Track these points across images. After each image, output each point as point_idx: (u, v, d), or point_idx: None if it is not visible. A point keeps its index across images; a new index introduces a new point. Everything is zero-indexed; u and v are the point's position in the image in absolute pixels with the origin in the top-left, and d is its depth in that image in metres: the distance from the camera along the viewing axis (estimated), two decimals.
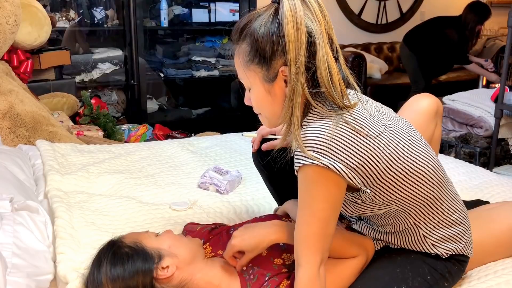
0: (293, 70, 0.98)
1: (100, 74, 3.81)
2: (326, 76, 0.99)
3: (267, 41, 0.99)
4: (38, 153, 2.04)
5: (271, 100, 1.05)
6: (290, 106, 1.01)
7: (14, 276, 1.11)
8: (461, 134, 3.35)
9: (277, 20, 0.98)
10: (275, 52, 1.00)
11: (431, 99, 1.39)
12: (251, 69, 1.03)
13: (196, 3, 4.15)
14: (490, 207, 1.46)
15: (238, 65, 1.07)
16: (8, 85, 2.35)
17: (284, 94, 1.03)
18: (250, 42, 1.02)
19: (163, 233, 1.20)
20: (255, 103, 1.09)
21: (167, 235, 1.18)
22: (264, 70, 1.02)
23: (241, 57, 1.04)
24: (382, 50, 5.41)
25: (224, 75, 4.21)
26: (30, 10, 2.70)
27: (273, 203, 1.58)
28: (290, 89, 1.00)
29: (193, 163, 2.12)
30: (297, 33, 0.96)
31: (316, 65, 0.98)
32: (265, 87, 1.04)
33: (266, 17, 1.00)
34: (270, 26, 0.99)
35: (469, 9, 4.10)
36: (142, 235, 1.17)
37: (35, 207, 1.37)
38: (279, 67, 1.01)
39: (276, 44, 0.99)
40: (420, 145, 1.10)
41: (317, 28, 0.98)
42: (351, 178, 0.99)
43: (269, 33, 0.99)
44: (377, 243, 1.21)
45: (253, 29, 1.01)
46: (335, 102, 1.00)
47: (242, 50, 1.04)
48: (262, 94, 1.05)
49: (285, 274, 1.12)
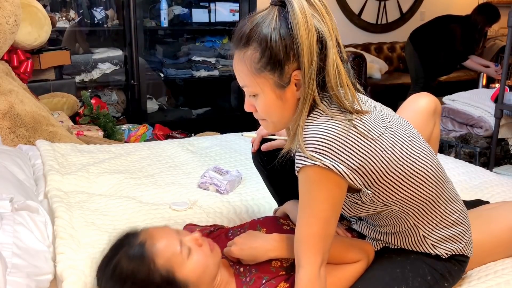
0: (307, 74, 0.97)
1: (100, 74, 3.81)
2: (335, 78, 0.98)
3: (280, 47, 0.97)
4: (38, 153, 2.03)
5: (282, 105, 1.04)
6: (301, 109, 1.01)
7: (14, 276, 1.11)
8: (461, 134, 3.35)
9: (287, 24, 0.97)
10: (289, 57, 0.98)
11: (429, 98, 1.39)
12: (262, 76, 1.01)
13: (196, 3, 4.15)
14: (490, 207, 1.46)
15: (244, 72, 1.02)
16: (8, 85, 2.35)
17: (295, 98, 1.03)
18: (261, 49, 0.98)
19: (195, 253, 1.08)
20: (263, 109, 1.05)
21: (198, 257, 1.07)
22: (276, 76, 1.00)
23: (249, 63, 1.01)
24: (382, 50, 5.42)
25: (224, 75, 4.21)
26: (30, 10, 2.70)
27: (273, 203, 1.58)
28: (303, 93, 1.00)
29: (193, 163, 2.12)
30: (309, 36, 0.95)
31: (326, 67, 0.98)
32: (276, 93, 1.02)
33: (274, 22, 0.98)
34: (281, 31, 0.97)
35: (478, 10, 4.10)
36: (172, 249, 1.06)
37: (35, 207, 1.37)
38: (292, 72, 0.99)
39: (289, 49, 0.97)
40: (420, 145, 1.10)
41: (325, 29, 0.97)
42: (352, 179, 0.99)
43: (281, 38, 0.97)
44: (377, 244, 1.21)
45: (264, 35, 0.98)
46: (343, 106, 1.00)
47: (249, 57, 1.00)
48: (272, 100, 1.03)
49: (283, 277, 1.12)
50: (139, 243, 1.06)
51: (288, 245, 1.14)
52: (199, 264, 1.07)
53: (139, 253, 1.04)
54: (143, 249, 1.04)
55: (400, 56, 5.49)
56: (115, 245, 1.09)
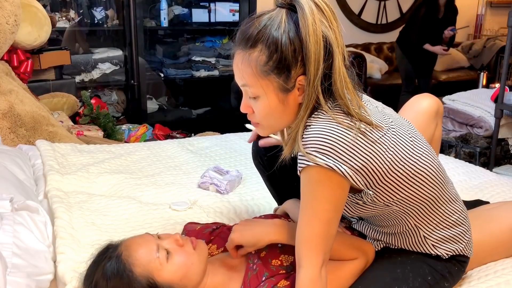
0: (312, 81, 0.97)
1: (100, 74, 3.81)
2: (341, 85, 0.98)
3: (288, 51, 0.97)
4: (38, 153, 2.03)
5: (282, 109, 1.03)
6: (303, 115, 1.01)
7: (14, 276, 1.11)
8: (461, 134, 3.35)
9: (296, 28, 0.96)
10: (296, 62, 0.98)
11: (432, 99, 1.39)
12: (267, 78, 1.00)
13: (196, 3, 4.15)
14: (490, 207, 1.46)
15: (248, 73, 1.01)
16: (8, 85, 2.35)
17: (296, 103, 1.02)
18: (268, 51, 0.97)
19: (175, 254, 1.09)
20: (263, 111, 1.04)
21: (179, 258, 1.09)
22: (282, 80, 0.99)
23: (254, 65, 0.99)
24: (382, 50, 5.42)
25: (224, 75, 4.21)
26: (30, 10, 2.70)
27: (273, 203, 1.58)
28: (305, 98, 1.00)
29: (193, 163, 2.12)
30: (317, 43, 0.95)
31: (332, 75, 0.98)
32: (279, 97, 1.01)
33: (284, 25, 0.97)
34: (290, 34, 0.96)
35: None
36: (149, 256, 1.07)
37: (35, 207, 1.37)
38: (297, 77, 0.99)
39: (297, 53, 0.97)
40: (422, 146, 1.10)
41: (332, 36, 0.97)
42: (354, 179, 0.99)
43: (290, 42, 0.96)
44: (377, 244, 1.21)
45: (273, 38, 0.97)
46: (351, 113, 0.99)
47: (255, 58, 0.99)
48: (274, 104, 1.02)
49: (283, 275, 1.12)
50: (115, 256, 1.08)
51: (288, 231, 1.13)
52: (180, 264, 1.08)
53: (116, 267, 1.06)
54: (120, 262, 1.06)
55: None
56: (95, 261, 1.11)
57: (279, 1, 1.00)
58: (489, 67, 5.45)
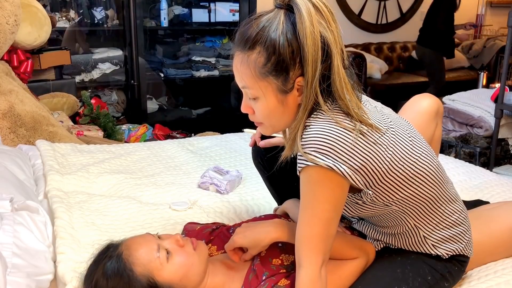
0: (310, 82, 0.97)
1: (100, 74, 3.81)
2: (341, 86, 0.98)
3: (286, 52, 0.96)
4: (38, 153, 2.03)
5: (282, 110, 1.03)
6: (302, 117, 1.01)
7: (14, 276, 1.11)
8: (461, 134, 3.35)
9: (294, 29, 0.96)
10: (294, 63, 0.98)
11: (432, 99, 1.39)
12: (266, 80, 1.00)
13: (196, 3, 4.15)
14: (490, 207, 1.46)
15: (247, 75, 1.01)
16: (8, 85, 2.35)
17: (296, 104, 1.03)
18: (267, 53, 0.97)
19: (175, 254, 1.10)
20: (262, 113, 1.05)
21: (179, 259, 1.09)
22: (280, 81, 0.99)
23: (253, 67, 0.99)
24: (382, 50, 5.42)
25: (224, 75, 4.21)
26: (30, 10, 2.70)
27: (273, 203, 1.58)
28: (304, 99, 1.00)
29: (193, 163, 2.12)
30: (314, 44, 0.95)
31: (331, 76, 0.98)
32: (278, 98, 1.01)
33: (281, 26, 0.97)
34: (288, 36, 0.96)
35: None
36: (149, 256, 1.08)
37: (35, 207, 1.37)
38: (296, 78, 0.99)
39: (295, 55, 0.97)
40: (421, 146, 1.10)
41: (331, 37, 0.96)
42: (354, 179, 0.99)
43: (288, 43, 0.96)
44: (377, 244, 1.21)
45: (271, 39, 0.97)
46: (351, 113, 0.99)
47: (253, 60, 0.99)
48: (273, 105, 1.02)
49: (283, 274, 1.13)
50: (116, 255, 1.08)
51: (289, 230, 1.14)
52: (180, 264, 1.08)
53: (116, 267, 1.06)
54: (120, 262, 1.06)
55: (400, 56, 5.49)
56: (95, 260, 1.11)
57: (277, 2, 1.00)
58: (489, 67, 5.44)
